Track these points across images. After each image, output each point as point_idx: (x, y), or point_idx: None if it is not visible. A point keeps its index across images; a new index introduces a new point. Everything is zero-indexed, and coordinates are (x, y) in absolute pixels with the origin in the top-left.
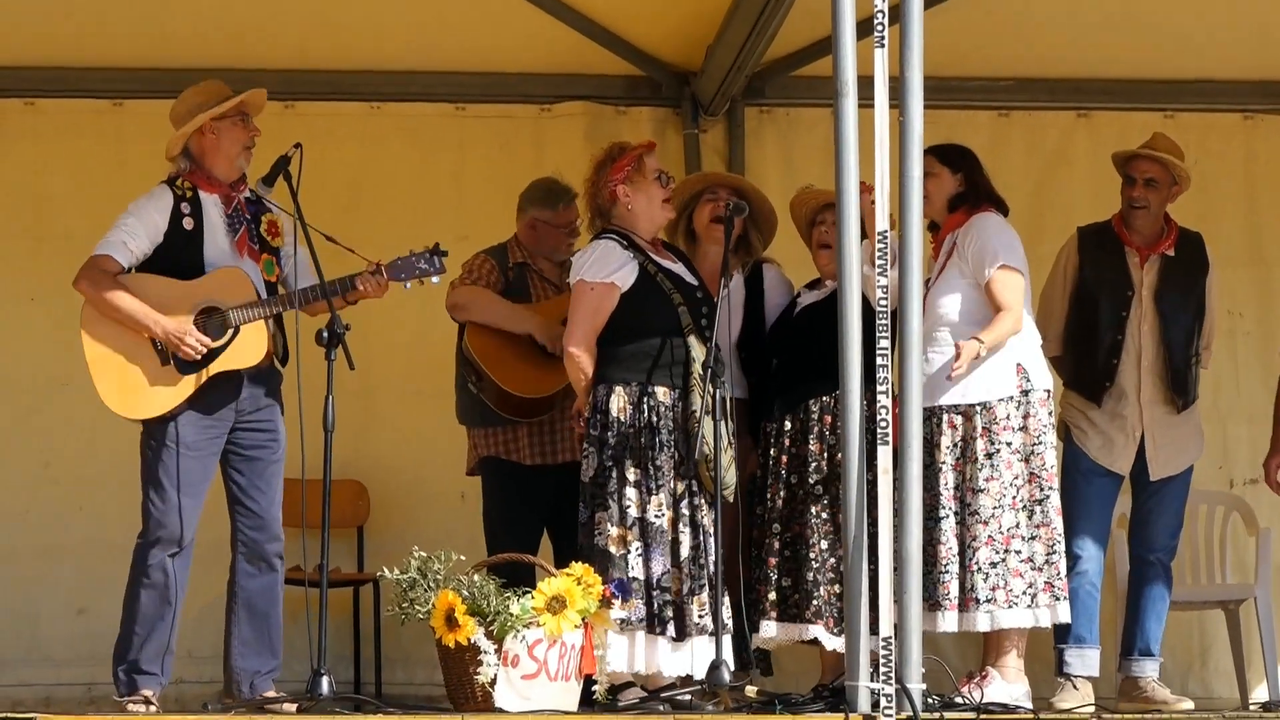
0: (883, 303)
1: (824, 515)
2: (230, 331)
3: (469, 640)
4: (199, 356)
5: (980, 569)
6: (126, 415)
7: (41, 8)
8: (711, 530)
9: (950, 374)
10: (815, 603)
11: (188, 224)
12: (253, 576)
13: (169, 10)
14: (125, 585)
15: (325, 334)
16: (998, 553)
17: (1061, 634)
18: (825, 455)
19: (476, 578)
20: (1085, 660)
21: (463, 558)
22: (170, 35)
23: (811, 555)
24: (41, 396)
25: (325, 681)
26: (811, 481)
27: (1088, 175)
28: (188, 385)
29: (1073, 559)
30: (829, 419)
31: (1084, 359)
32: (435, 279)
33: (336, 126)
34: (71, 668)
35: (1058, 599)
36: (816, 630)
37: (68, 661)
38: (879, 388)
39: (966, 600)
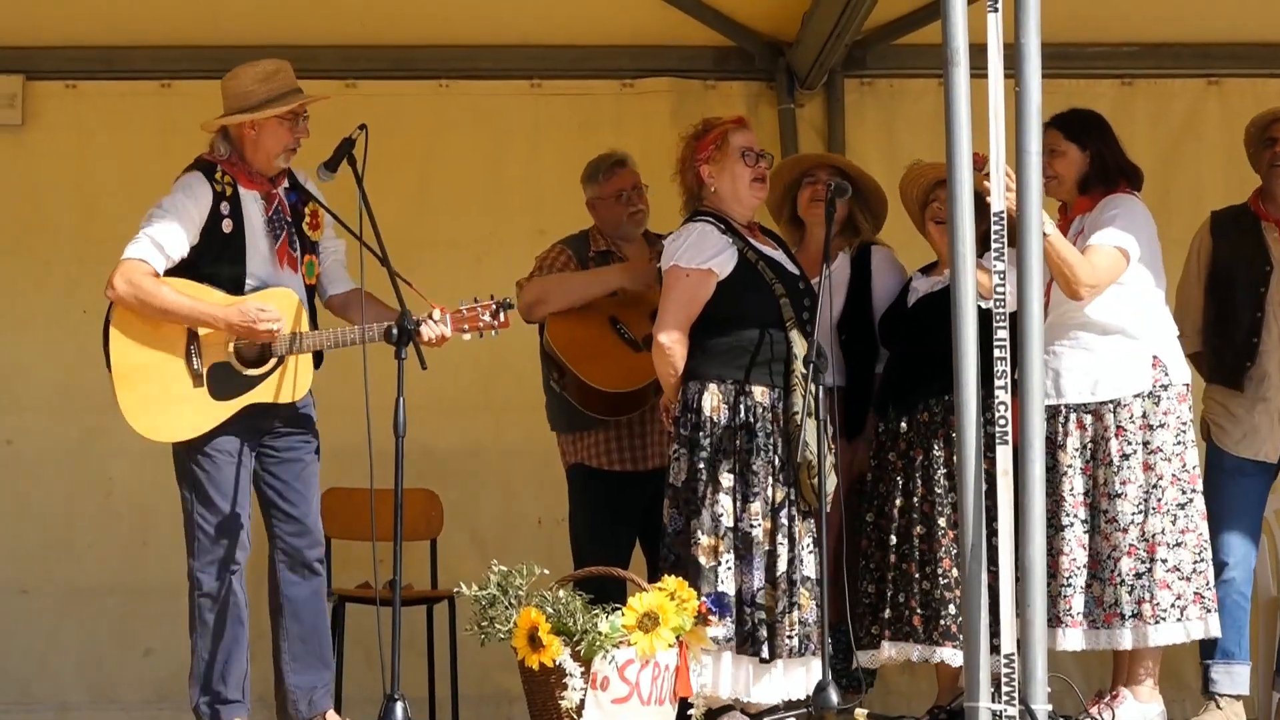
0: (1000, 290)
1: (951, 526)
2: (274, 361)
3: (554, 661)
4: (278, 331)
5: (1124, 581)
6: (149, 436)
7: None
8: (809, 542)
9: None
10: (943, 622)
11: (227, 226)
12: (296, 585)
13: None
14: (188, 617)
15: (395, 331)
16: (1142, 562)
17: (1208, 649)
18: (953, 461)
19: (562, 593)
20: (1234, 678)
21: (546, 572)
22: (221, 9)
23: (938, 570)
24: (99, 420)
25: (400, 709)
26: (939, 490)
27: (1219, 148)
28: (221, 412)
29: (1218, 566)
30: (954, 419)
31: (1223, 344)
32: (495, 333)
33: (401, 106)
34: (139, 710)
35: (1208, 610)
36: (944, 653)
37: (135, 704)
38: (997, 383)
39: (1109, 615)
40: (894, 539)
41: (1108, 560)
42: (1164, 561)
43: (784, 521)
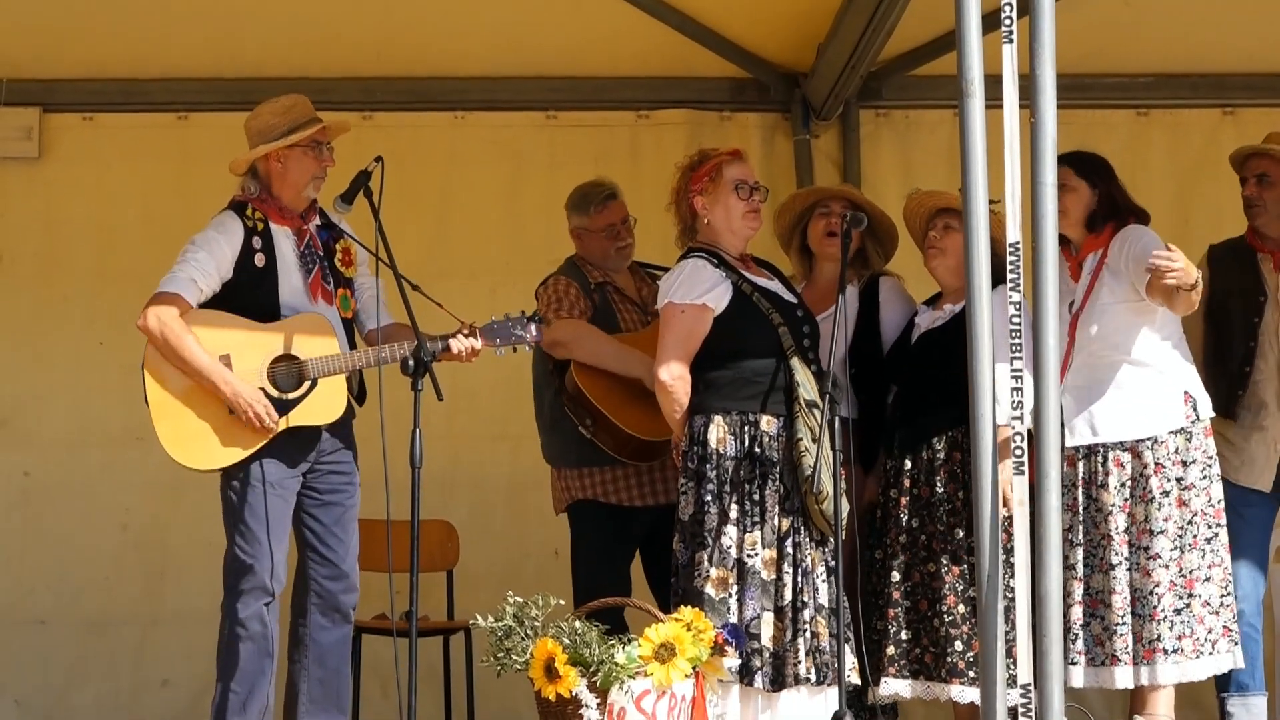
0: (1016, 321)
1: (955, 562)
2: (307, 384)
3: (570, 692)
4: (264, 431)
5: (1165, 617)
6: (188, 465)
7: (98, 15)
8: (821, 570)
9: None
10: (949, 659)
11: (259, 260)
12: (326, 630)
13: (236, 15)
14: (216, 646)
15: (411, 362)
16: (1181, 599)
17: (1223, 682)
18: (957, 496)
19: (578, 624)
20: (1250, 709)
21: (562, 602)
22: (238, 42)
23: (943, 607)
24: (115, 453)
25: None
26: (941, 526)
27: (1236, 178)
28: (256, 438)
29: None
30: (958, 455)
31: (1219, 374)
32: (529, 348)
33: (418, 138)
34: None
35: (1235, 643)
36: (952, 690)
37: None
38: (1014, 414)
39: (1149, 651)
40: (896, 576)
41: (1150, 596)
42: (1199, 596)
43: (789, 550)
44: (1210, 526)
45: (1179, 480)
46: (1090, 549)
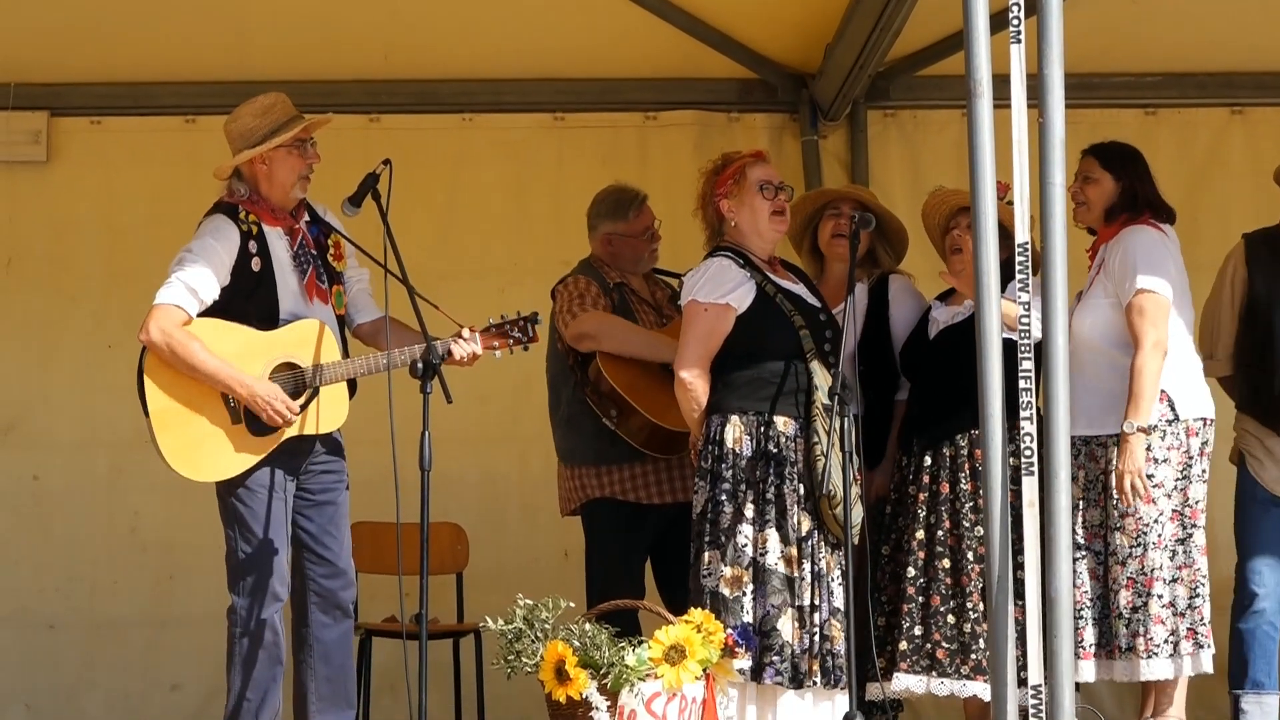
0: (1025, 322)
1: (979, 560)
2: (309, 393)
3: (581, 694)
4: (286, 424)
5: (1121, 614)
6: (190, 476)
7: (106, 19)
8: (834, 573)
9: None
10: (974, 656)
11: (256, 264)
12: (328, 627)
13: (243, 18)
14: (226, 653)
15: (420, 364)
16: (1139, 596)
17: (1237, 679)
18: (979, 494)
19: (588, 626)
20: (1264, 708)
21: (572, 604)
22: (245, 45)
23: (969, 604)
24: (124, 456)
25: None
26: (966, 523)
27: (1245, 176)
28: (260, 447)
29: (1249, 596)
30: (980, 453)
31: (1260, 383)
32: (526, 348)
33: (425, 140)
34: None
35: (1200, 646)
36: (975, 686)
37: None
38: (1023, 414)
39: (1111, 648)
40: (912, 571)
41: (1108, 592)
42: (1159, 597)
43: (808, 551)
44: (1185, 528)
45: (1149, 478)
46: None
